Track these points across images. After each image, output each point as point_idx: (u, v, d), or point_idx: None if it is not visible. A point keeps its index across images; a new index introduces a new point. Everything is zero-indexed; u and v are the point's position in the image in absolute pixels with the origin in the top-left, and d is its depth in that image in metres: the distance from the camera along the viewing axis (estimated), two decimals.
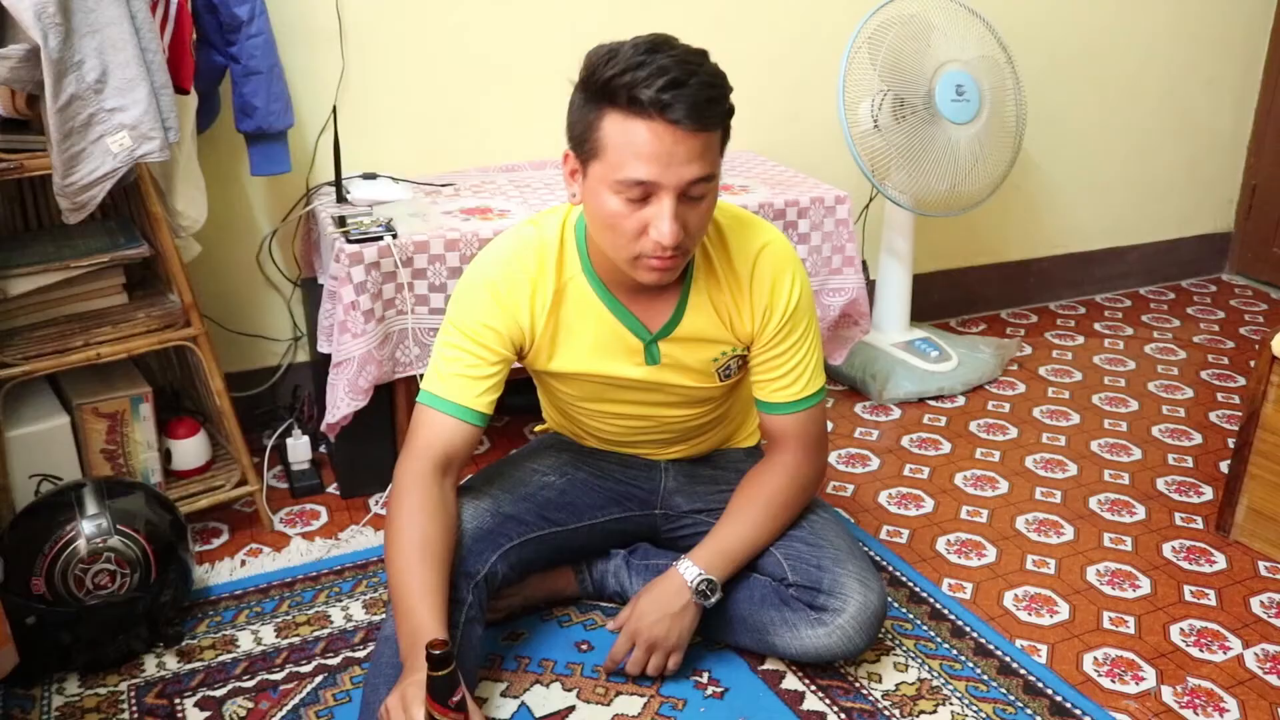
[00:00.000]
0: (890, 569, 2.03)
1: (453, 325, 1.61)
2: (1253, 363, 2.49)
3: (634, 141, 1.38)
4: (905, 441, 2.56)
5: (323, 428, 2.13)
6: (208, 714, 1.66)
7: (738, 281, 1.63)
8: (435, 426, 1.59)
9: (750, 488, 1.73)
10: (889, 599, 1.91)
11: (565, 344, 1.64)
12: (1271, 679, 1.76)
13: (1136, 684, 1.74)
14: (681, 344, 1.65)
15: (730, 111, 1.44)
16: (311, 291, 2.35)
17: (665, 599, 1.66)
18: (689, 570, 1.66)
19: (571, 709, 1.67)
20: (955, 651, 1.81)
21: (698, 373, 1.69)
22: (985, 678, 1.74)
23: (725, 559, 1.68)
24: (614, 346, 1.64)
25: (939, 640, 1.83)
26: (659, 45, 1.39)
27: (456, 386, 1.59)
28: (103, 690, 1.71)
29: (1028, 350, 3.11)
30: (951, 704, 1.69)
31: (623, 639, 1.68)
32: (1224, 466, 2.38)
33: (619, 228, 1.45)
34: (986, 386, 2.85)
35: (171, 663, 1.77)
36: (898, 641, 1.82)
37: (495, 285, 1.60)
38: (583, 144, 1.44)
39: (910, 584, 1.98)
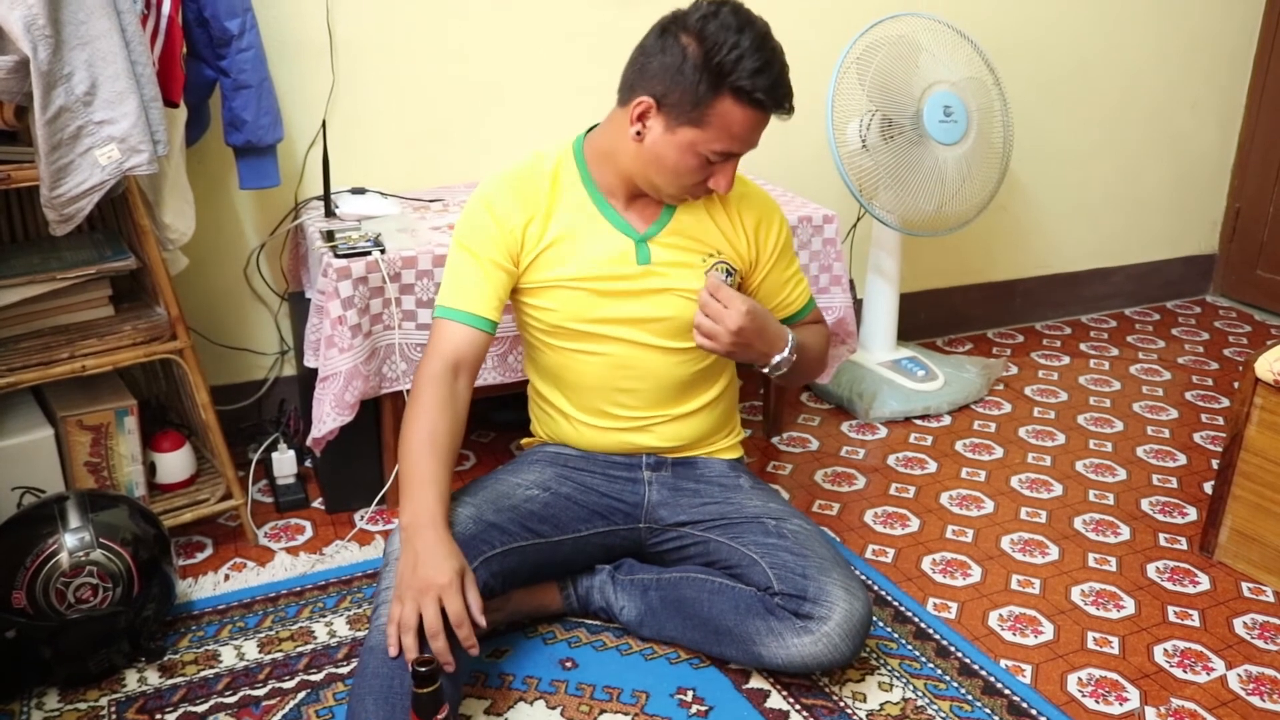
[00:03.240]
0: (876, 588, 2.03)
1: (455, 240, 1.76)
2: (1236, 384, 2.51)
3: (739, 125, 1.60)
4: (891, 461, 2.56)
5: (308, 442, 2.12)
6: None
7: (725, 211, 1.81)
8: (447, 333, 1.72)
9: (811, 326, 1.94)
10: (874, 617, 1.91)
11: (558, 249, 1.74)
12: (1254, 700, 1.76)
13: (1120, 704, 1.75)
14: (670, 247, 1.76)
15: None
16: (298, 306, 2.34)
17: (767, 338, 1.73)
18: (790, 338, 1.76)
19: None
20: (940, 671, 1.81)
21: (689, 274, 1.77)
22: (970, 698, 1.74)
23: (800, 346, 1.79)
24: (606, 246, 1.75)
25: (924, 660, 1.83)
26: (766, 36, 1.59)
27: (462, 295, 1.72)
28: (83, 705, 1.69)
29: (1014, 370, 3.12)
30: None
31: (735, 300, 1.68)
32: (1208, 487, 2.39)
33: (684, 176, 1.65)
34: (972, 406, 2.86)
35: (153, 678, 1.76)
36: (882, 661, 1.82)
37: (491, 199, 1.74)
38: (681, 108, 1.58)
39: (895, 603, 1.99)
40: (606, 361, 1.79)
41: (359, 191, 2.39)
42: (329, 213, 2.29)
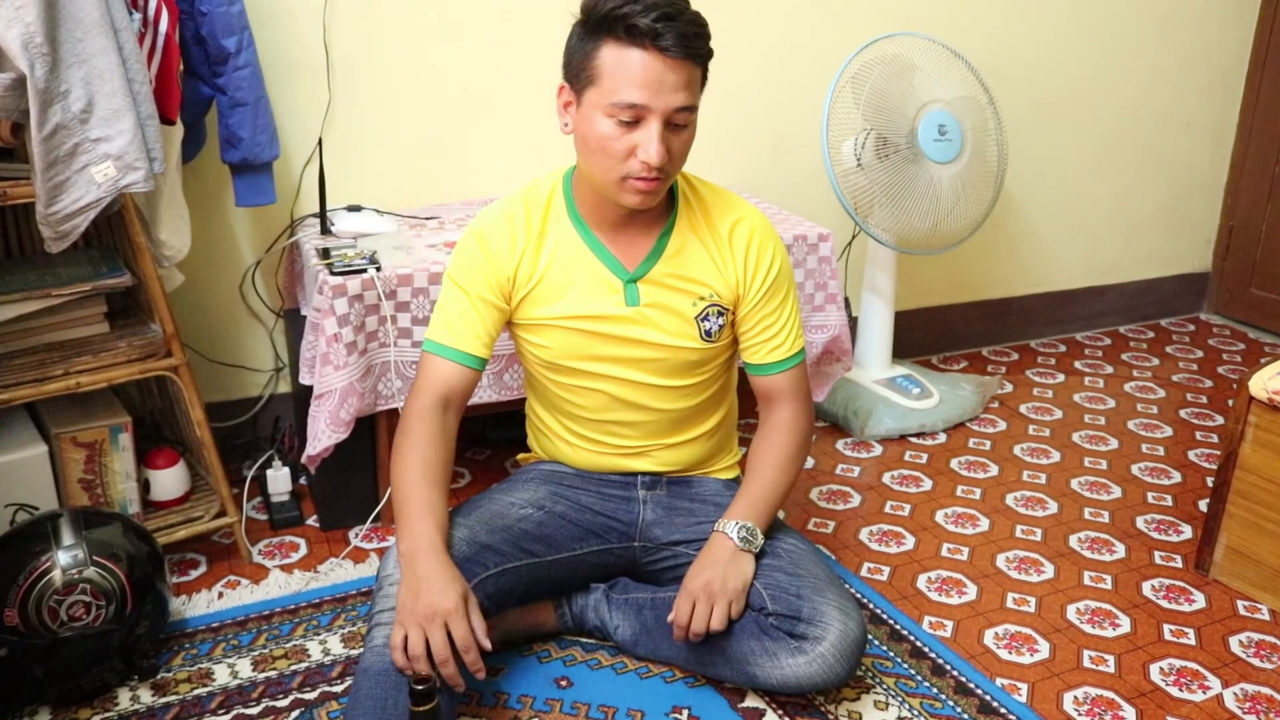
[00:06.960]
0: (871, 606, 2.03)
1: (448, 276, 1.75)
2: (1231, 402, 2.51)
3: (629, 68, 1.51)
4: (886, 478, 2.56)
5: (303, 459, 2.12)
6: None
7: (716, 237, 1.75)
8: (435, 369, 1.71)
9: (762, 447, 1.82)
10: (869, 635, 1.91)
11: (548, 286, 1.72)
12: (1250, 718, 1.76)
13: None
14: (660, 288, 1.73)
15: (711, 53, 1.59)
16: (294, 323, 2.34)
17: (712, 555, 1.71)
18: (726, 525, 1.73)
19: None
20: (935, 690, 1.80)
21: (678, 320, 1.74)
22: (966, 716, 1.74)
23: (756, 507, 1.75)
24: (595, 286, 1.72)
25: (919, 678, 1.83)
26: None
27: (452, 332, 1.71)
28: None
29: (1009, 388, 3.12)
30: None
31: (681, 600, 1.68)
32: (1203, 505, 2.39)
33: (609, 149, 1.56)
34: (968, 424, 2.86)
35: (146, 696, 1.75)
36: (878, 679, 1.82)
37: (483, 234, 1.73)
38: (579, 73, 1.56)
39: (891, 621, 1.98)
40: (603, 396, 1.78)
41: (355, 209, 2.40)
42: (325, 230, 2.29)
